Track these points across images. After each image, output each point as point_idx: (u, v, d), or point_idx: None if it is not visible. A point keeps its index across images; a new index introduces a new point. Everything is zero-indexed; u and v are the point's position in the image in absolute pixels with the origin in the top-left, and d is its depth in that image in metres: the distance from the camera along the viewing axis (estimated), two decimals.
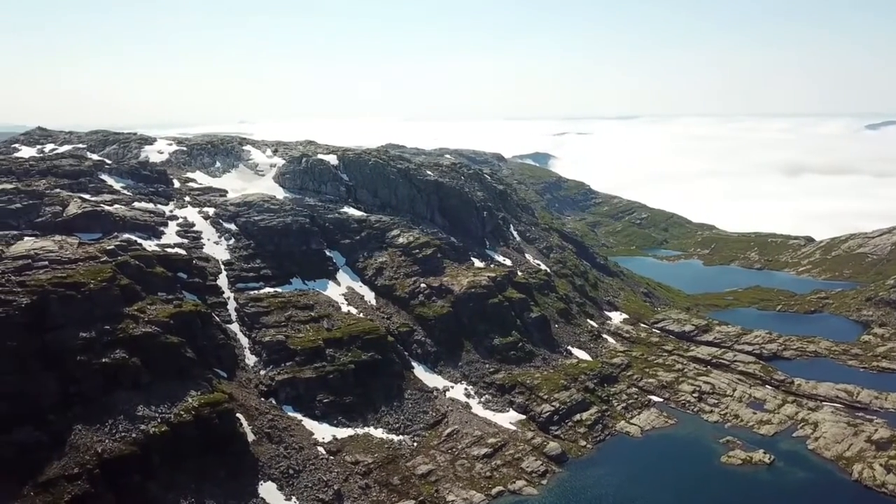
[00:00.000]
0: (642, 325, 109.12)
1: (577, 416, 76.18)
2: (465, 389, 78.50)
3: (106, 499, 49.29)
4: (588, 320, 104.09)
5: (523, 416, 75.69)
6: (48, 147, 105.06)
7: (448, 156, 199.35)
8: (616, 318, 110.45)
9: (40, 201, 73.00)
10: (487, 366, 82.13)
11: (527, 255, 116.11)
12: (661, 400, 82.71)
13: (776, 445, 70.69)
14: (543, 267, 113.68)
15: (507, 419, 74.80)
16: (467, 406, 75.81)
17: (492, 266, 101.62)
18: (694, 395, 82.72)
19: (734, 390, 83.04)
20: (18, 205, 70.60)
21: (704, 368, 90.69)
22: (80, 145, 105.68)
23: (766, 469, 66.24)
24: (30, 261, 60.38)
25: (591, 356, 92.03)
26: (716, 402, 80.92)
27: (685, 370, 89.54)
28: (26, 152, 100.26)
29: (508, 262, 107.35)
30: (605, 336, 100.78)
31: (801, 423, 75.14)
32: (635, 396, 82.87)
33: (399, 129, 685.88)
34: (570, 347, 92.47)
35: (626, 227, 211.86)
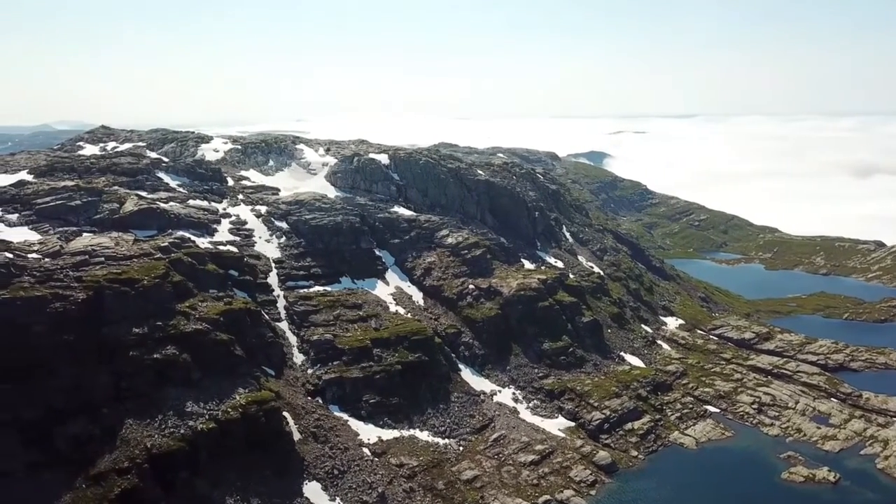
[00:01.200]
0: (699, 331, 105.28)
1: (629, 425, 73.75)
2: (513, 394, 76.97)
3: (154, 493, 49.84)
4: (642, 325, 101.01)
5: (572, 423, 73.72)
6: (110, 145, 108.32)
7: (501, 154, 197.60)
8: (671, 323, 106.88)
9: (99, 198, 74.95)
10: (536, 370, 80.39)
11: (579, 257, 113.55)
12: (718, 411, 79.33)
13: (842, 463, 66.72)
14: (596, 269, 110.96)
15: (556, 426, 72.97)
16: (515, 411, 74.28)
17: (542, 268, 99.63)
18: (753, 406, 79.07)
19: (797, 403, 79.00)
20: (78, 202, 72.58)
21: (765, 379, 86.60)
22: (140, 143, 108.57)
23: (831, 488, 62.50)
24: (87, 257, 61.85)
25: (644, 363, 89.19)
26: (776, 414, 77.13)
27: (744, 380, 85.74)
28: (89, 150, 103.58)
29: (560, 265, 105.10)
30: (659, 342, 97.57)
31: (870, 439, 70.80)
32: (690, 406, 79.76)
33: (452, 128, 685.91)
34: (622, 353, 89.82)
35: (684, 229, 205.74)
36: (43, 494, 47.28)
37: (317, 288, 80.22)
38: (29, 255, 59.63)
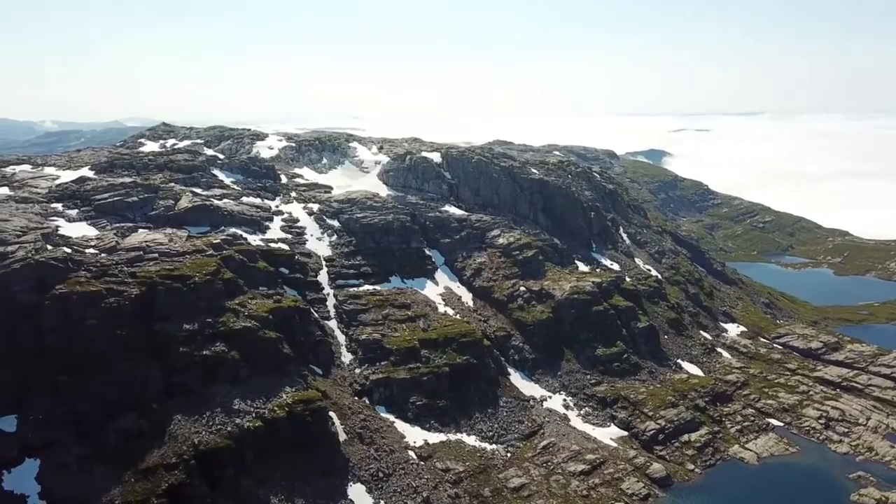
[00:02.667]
0: (762, 339, 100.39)
1: (685, 437, 70.63)
2: (564, 400, 74.77)
3: (200, 490, 49.95)
4: (701, 332, 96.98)
5: (625, 433, 71.06)
6: (170, 142, 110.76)
7: (556, 152, 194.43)
8: (732, 330, 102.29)
9: (155, 195, 76.29)
10: (589, 377, 77.92)
11: (636, 260, 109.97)
12: (782, 424, 75.28)
13: None
14: (654, 273, 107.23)
15: (608, 435, 70.48)
16: (565, 418, 72.08)
17: (597, 270, 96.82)
18: (820, 421, 74.69)
19: (868, 419, 74.20)
20: (135, 198, 74.00)
21: (833, 392, 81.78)
22: (198, 140, 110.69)
23: None
24: (141, 252, 62.85)
25: (702, 371, 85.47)
26: (846, 430, 72.60)
27: (810, 392, 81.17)
28: (150, 147, 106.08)
29: (616, 267, 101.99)
30: (719, 350, 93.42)
31: None
32: (752, 419, 75.90)
33: (508, 125, 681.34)
34: (679, 361, 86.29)
35: (747, 231, 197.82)
36: (94, 487, 47.95)
37: (366, 287, 79.82)
38: (86, 251, 60.95)
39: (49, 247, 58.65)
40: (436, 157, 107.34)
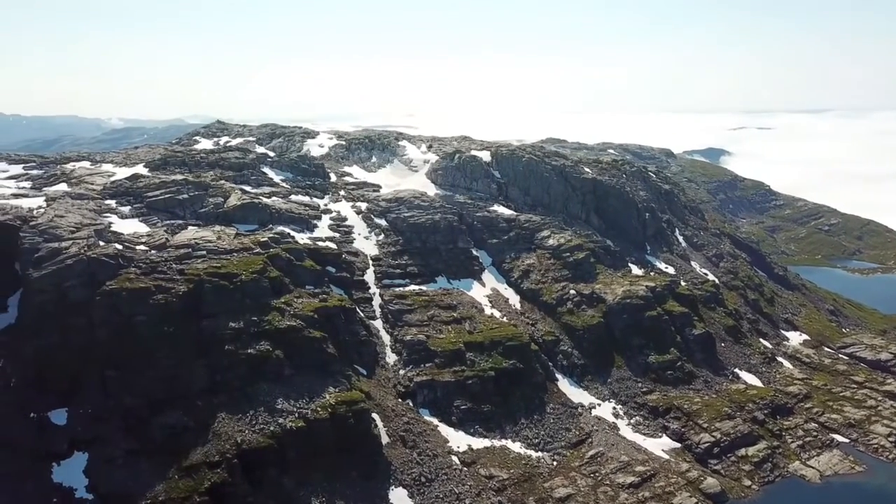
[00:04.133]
0: (826, 349, 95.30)
1: (742, 451, 67.33)
2: (614, 408, 72.25)
3: (242, 489, 49.86)
4: (760, 340, 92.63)
5: (678, 445, 68.15)
6: (223, 139, 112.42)
7: (611, 151, 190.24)
8: (794, 339, 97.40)
9: (205, 192, 77.10)
10: (640, 384, 75.14)
11: (692, 263, 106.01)
12: (848, 441, 71.11)
13: None
14: (711, 277, 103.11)
15: (659, 446, 67.72)
16: (615, 427, 69.63)
17: (651, 274, 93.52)
18: (890, 439, 70.23)
19: None
20: (185, 195, 74.93)
21: None
22: (251, 138, 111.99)
23: None
24: (190, 250, 63.42)
25: (761, 382, 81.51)
26: None
27: (879, 407, 76.41)
28: (204, 144, 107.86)
29: (671, 271, 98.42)
30: (779, 359, 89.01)
31: None
32: (814, 434, 71.91)
33: (562, 122, 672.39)
34: (737, 370, 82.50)
35: (811, 234, 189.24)
36: (139, 482, 48.39)
37: (412, 287, 78.93)
38: (137, 247, 61.84)
39: (101, 243, 59.71)
40: (485, 155, 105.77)
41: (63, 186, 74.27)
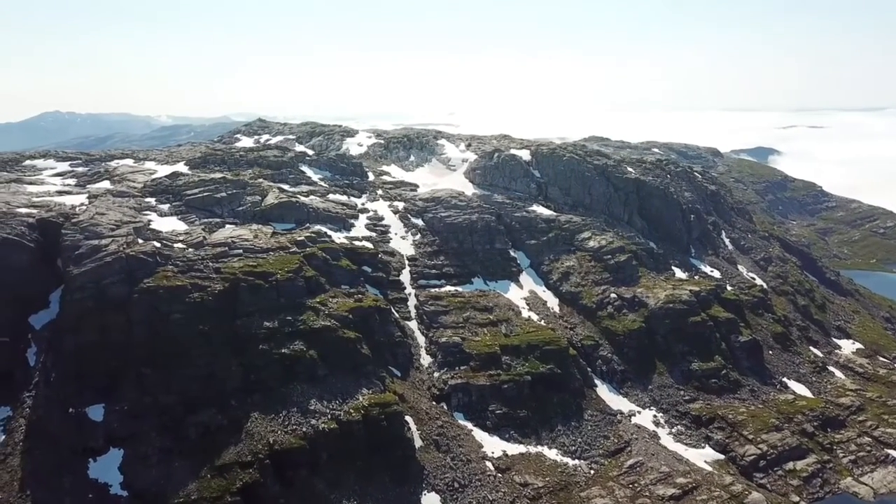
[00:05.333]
0: (881, 358, 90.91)
1: (790, 465, 64.32)
2: (654, 417, 69.94)
3: (273, 490, 49.57)
4: (811, 348, 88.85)
5: (721, 456, 65.51)
6: (264, 137, 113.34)
7: (656, 150, 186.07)
8: (847, 347, 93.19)
9: (243, 191, 77.42)
10: (682, 393, 72.60)
11: (739, 267, 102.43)
12: None
13: None
14: (759, 282, 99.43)
15: (702, 457, 65.21)
16: (655, 436, 67.36)
17: (696, 278, 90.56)
18: None
19: None
20: (223, 193, 75.31)
21: None
22: (291, 136, 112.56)
23: None
24: (227, 248, 63.59)
25: (811, 392, 78.02)
26: None
27: None
28: (245, 142, 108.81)
29: (716, 274, 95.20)
30: (831, 369, 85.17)
31: None
32: (868, 449, 68.34)
33: (605, 120, 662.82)
34: (785, 380, 79.16)
35: (866, 237, 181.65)
36: (172, 480, 48.49)
37: (448, 288, 77.87)
38: (174, 245, 62.23)
39: (140, 241, 60.25)
40: (525, 154, 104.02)
41: (106, 184, 75.49)
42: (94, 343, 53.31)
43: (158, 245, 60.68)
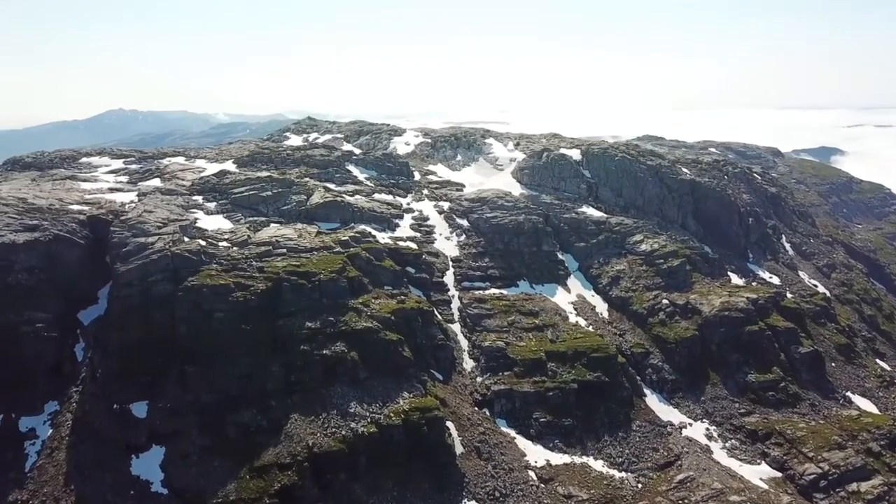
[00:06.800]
0: None
1: (854, 486, 60.29)
2: (707, 430, 66.85)
3: (312, 494, 49.08)
4: (877, 361, 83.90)
5: (778, 474, 62.06)
6: (312, 136, 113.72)
7: (712, 150, 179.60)
8: None
9: (289, 189, 77.41)
10: (737, 405, 69.21)
11: (800, 274, 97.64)
12: None
13: None
14: (821, 289, 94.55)
15: (757, 474, 61.92)
16: (707, 450, 64.32)
17: (753, 284, 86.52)
18: None
19: None
20: (269, 192, 75.44)
21: None
22: (339, 135, 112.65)
23: None
24: (271, 247, 63.48)
25: (878, 409, 73.46)
26: None
27: None
28: (293, 140, 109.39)
29: (775, 281, 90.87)
30: None
31: None
32: None
33: (659, 119, 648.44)
34: (849, 394, 74.76)
35: None
36: (212, 480, 48.55)
37: (492, 290, 76.18)
38: (219, 244, 62.46)
39: (186, 238, 60.65)
40: (575, 154, 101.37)
41: (156, 182, 76.60)
42: (139, 340, 53.83)
43: (203, 243, 60.97)
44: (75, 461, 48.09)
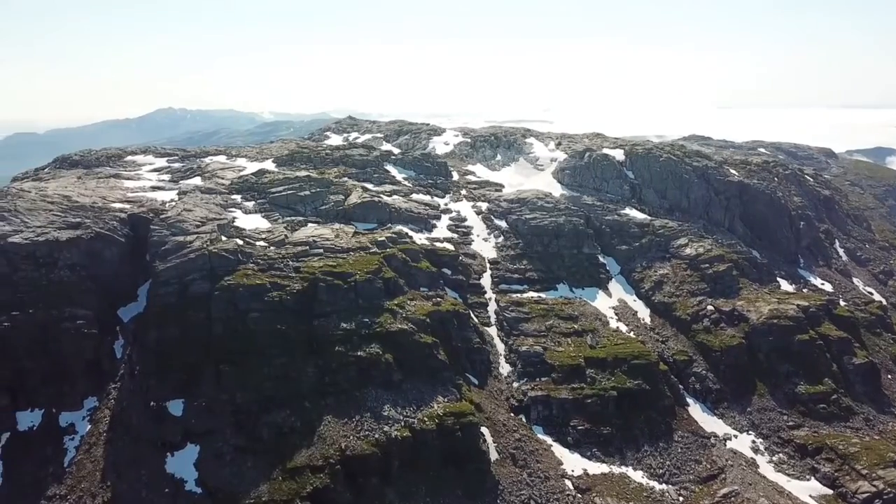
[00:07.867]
0: None
1: None
2: (753, 442, 64.24)
3: (344, 497, 48.49)
4: None
5: (829, 492, 59.16)
6: (352, 135, 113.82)
7: (762, 150, 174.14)
8: None
9: (327, 189, 77.28)
10: (785, 417, 66.34)
11: (854, 281, 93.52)
12: None
13: None
14: (877, 297, 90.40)
15: (806, 490, 59.17)
16: (753, 463, 61.79)
17: (804, 291, 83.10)
18: None
19: None
20: (307, 192, 75.43)
21: None
22: (378, 135, 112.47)
23: None
24: (307, 247, 63.31)
25: None
26: None
27: None
28: (333, 140, 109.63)
29: (828, 288, 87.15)
30: None
31: None
32: None
33: (706, 118, 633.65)
34: None
35: None
36: (245, 480, 48.33)
37: (530, 294, 74.66)
38: (257, 243, 62.54)
39: (223, 238, 60.87)
40: (618, 154, 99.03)
41: (197, 180, 77.32)
42: (176, 338, 54.13)
43: (241, 242, 61.11)
44: (112, 457, 48.68)
